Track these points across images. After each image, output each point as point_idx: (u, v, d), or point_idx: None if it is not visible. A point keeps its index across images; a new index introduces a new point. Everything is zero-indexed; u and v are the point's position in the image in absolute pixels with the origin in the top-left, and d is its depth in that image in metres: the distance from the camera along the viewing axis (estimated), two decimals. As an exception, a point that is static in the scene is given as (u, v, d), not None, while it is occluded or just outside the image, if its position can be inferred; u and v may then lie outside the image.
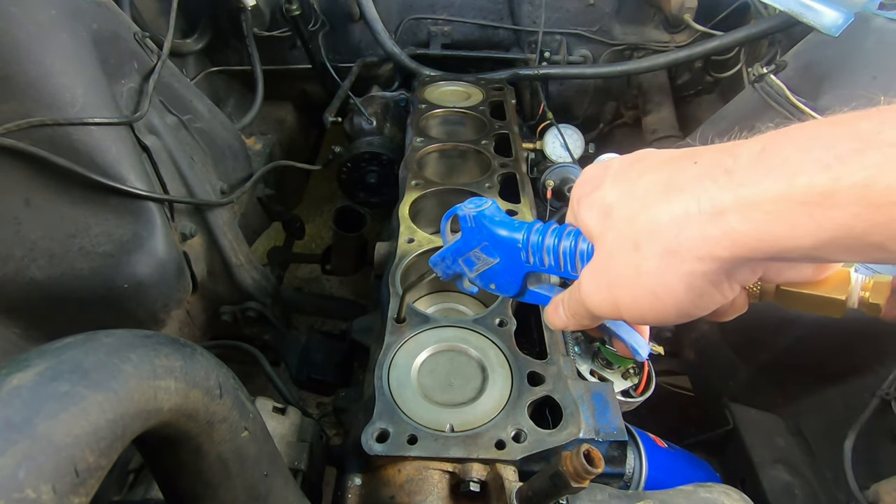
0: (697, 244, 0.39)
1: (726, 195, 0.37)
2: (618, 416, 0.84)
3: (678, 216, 0.40)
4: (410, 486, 0.70)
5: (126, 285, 1.05)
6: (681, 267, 0.40)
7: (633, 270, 0.43)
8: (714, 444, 1.47)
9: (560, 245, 0.53)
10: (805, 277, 0.43)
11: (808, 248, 0.35)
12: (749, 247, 0.37)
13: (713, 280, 0.41)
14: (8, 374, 0.37)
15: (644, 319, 0.46)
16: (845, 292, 0.42)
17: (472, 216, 0.60)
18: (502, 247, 0.59)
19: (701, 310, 0.44)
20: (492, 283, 0.62)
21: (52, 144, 0.94)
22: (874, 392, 1.15)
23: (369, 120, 1.71)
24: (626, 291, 0.45)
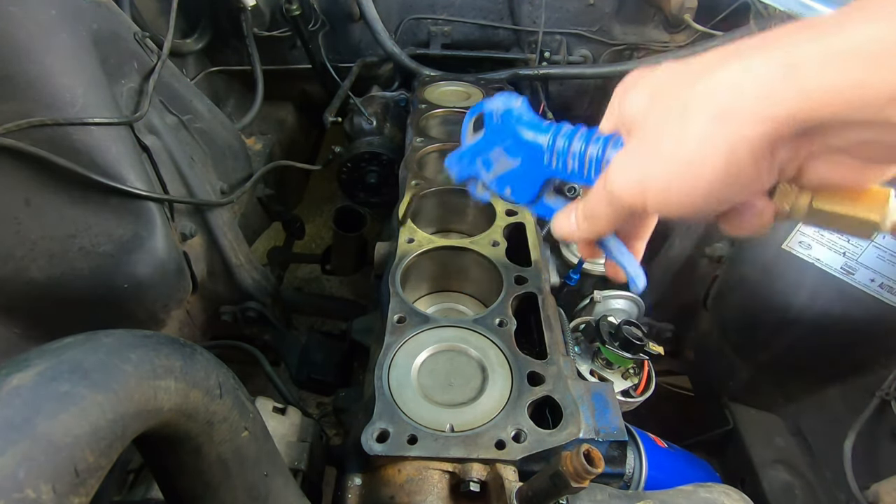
0: (755, 101, 0.36)
1: (808, 48, 0.34)
2: (618, 416, 0.84)
3: (740, 75, 0.37)
4: (410, 486, 0.70)
5: (126, 285, 1.05)
6: (730, 130, 0.37)
7: (672, 140, 0.40)
8: (714, 444, 1.47)
9: (587, 150, 0.51)
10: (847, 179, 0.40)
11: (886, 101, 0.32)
12: (820, 100, 0.34)
13: (755, 149, 0.37)
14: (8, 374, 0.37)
15: (670, 200, 0.42)
16: (881, 214, 0.39)
17: (499, 113, 0.57)
18: (526, 148, 0.56)
19: (734, 190, 0.40)
20: (508, 186, 0.59)
21: (52, 144, 0.94)
22: (874, 392, 1.15)
23: (369, 120, 1.71)
24: (658, 166, 0.41)
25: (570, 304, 1.44)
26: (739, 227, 0.45)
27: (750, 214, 0.43)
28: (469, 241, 1.08)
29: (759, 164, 0.38)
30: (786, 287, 1.21)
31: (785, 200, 0.43)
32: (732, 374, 1.42)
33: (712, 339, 1.47)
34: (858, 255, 1.15)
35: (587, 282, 1.51)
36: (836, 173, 0.40)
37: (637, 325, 1.15)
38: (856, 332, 1.18)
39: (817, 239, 1.17)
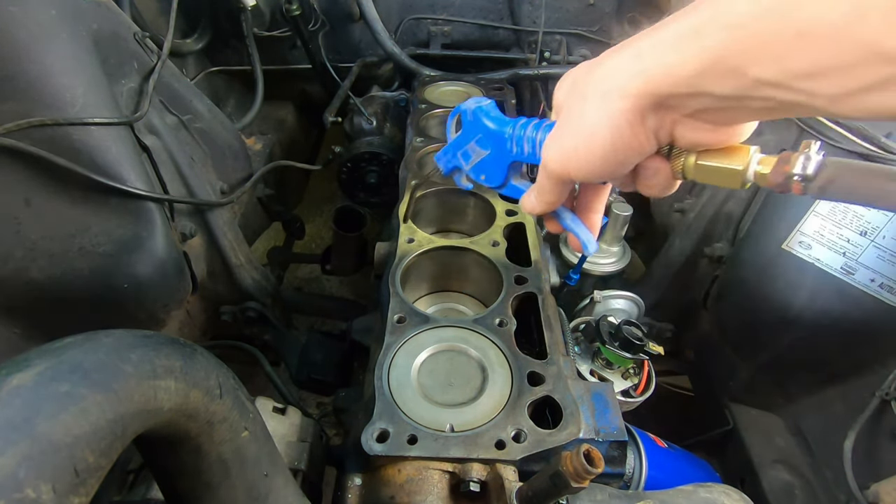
0: (620, 82, 0.47)
1: (646, 41, 0.46)
2: (618, 416, 0.84)
3: (615, 64, 0.49)
4: (410, 486, 0.70)
5: (126, 285, 1.05)
6: (607, 106, 0.48)
7: (577, 119, 0.52)
8: (714, 444, 1.47)
9: (536, 135, 0.62)
10: (708, 139, 0.50)
11: (693, 75, 0.43)
12: (655, 79, 0.45)
13: (630, 120, 0.48)
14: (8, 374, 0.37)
15: (580, 165, 0.53)
16: (744, 163, 0.49)
17: (471, 110, 0.69)
18: (493, 138, 0.67)
19: (622, 154, 0.51)
20: (482, 174, 0.71)
21: (52, 144, 0.94)
22: (874, 392, 1.15)
23: (369, 120, 1.71)
24: (569, 139, 0.53)
25: (570, 304, 1.44)
26: (648, 187, 0.56)
27: (650, 174, 0.54)
28: (469, 241, 1.08)
29: (636, 130, 0.49)
30: (786, 287, 1.21)
31: (677, 160, 0.53)
32: (732, 374, 1.42)
33: (712, 339, 1.47)
34: (858, 255, 1.15)
35: (587, 282, 1.51)
36: (698, 135, 0.49)
37: (637, 325, 1.15)
38: (856, 332, 1.18)
39: (817, 239, 1.17)
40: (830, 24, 0.34)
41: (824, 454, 1.26)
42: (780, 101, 0.41)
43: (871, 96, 0.36)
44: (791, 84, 0.39)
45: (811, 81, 0.38)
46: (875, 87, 0.35)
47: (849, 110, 0.38)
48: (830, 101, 0.38)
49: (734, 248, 1.33)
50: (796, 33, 0.36)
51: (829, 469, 1.24)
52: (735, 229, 1.34)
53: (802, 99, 0.39)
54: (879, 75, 0.35)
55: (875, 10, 0.33)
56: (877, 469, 1.12)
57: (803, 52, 0.37)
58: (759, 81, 0.40)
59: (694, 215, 1.42)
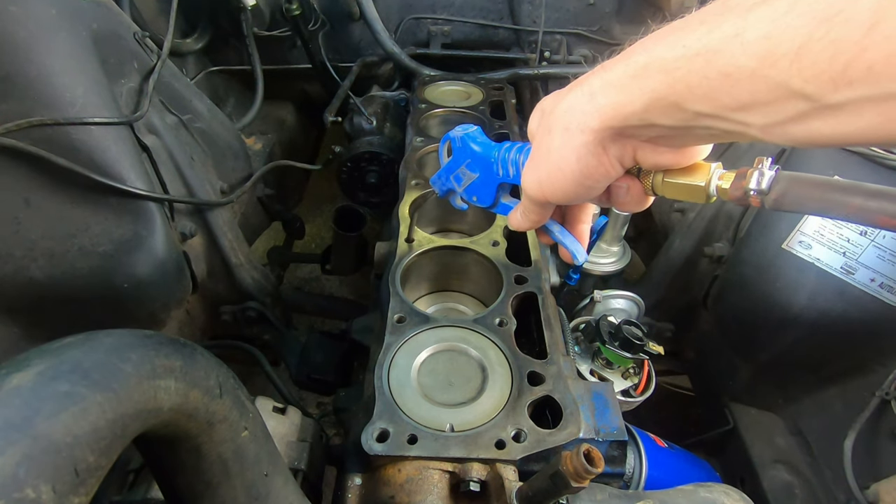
0: (579, 119, 0.52)
1: (597, 81, 0.50)
2: (618, 416, 0.84)
3: (572, 102, 0.53)
4: (410, 485, 0.70)
5: (126, 285, 1.05)
6: (571, 140, 0.53)
7: (546, 150, 0.56)
8: (714, 444, 1.47)
9: (519, 157, 0.67)
10: (668, 161, 0.53)
11: (640, 111, 0.47)
12: (608, 116, 0.49)
13: (593, 150, 0.52)
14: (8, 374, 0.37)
15: (556, 193, 0.58)
16: (706, 180, 0.53)
17: (459, 137, 0.74)
18: (481, 163, 0.72)
19: (591, 180, 0.55)
20: (474, 195, 0.76)
21: (51, 144, 0.94)
22: (874, 392, 1.15)
23: (369, 120, 1.71)
24: (543, 169, 0.57)
25: (570, 304, 1.44)
26: (622, 204, 0.60)
27: (622, 193, 0.59)
28: (469, 240, 1.08)
29: (600, 159, 0.53)
30: (786, 287, 1.21)
31: (647, 179, 0.56)
32: (732, 374, 1.42)
33: (712, 339, 1.46)
34: (858, 255, 1.15)
35: (587, 282, 1.51)
36: (659, 158, 0.53)
37: (637, 325, 1.15)
38: (856, 332, 1.18)
39: (817, 239, 1.17)
40: (747, 68, 0.39)
41: (824, 454, 1.26)
42: (721, 129, 0.44)
43: (794, 127, 0.40)
44: (726, 116, 0.42)
45: (742, 114, 0.42)
46: (794, 120, 0.39)
47: (779, 138, 0.41)
48: (762, 130, 0.42)
49: (734, 247, 1.33)
50: (720, 74, 0.40)
51: (829, 469, 1.24)
52: (735, 229, 1.34)
53: (739, 129, 0.43)
54: (796, 110, 0.38)
55: (784, 56, 0.37)
56: (877, 469, 1.12)
57: (729, 89, 0.41)
58: (698, 114, 0.44)
59: (694, 215, 1.42)
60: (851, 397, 1.23)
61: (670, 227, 1.52)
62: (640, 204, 0.59)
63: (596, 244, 1.41)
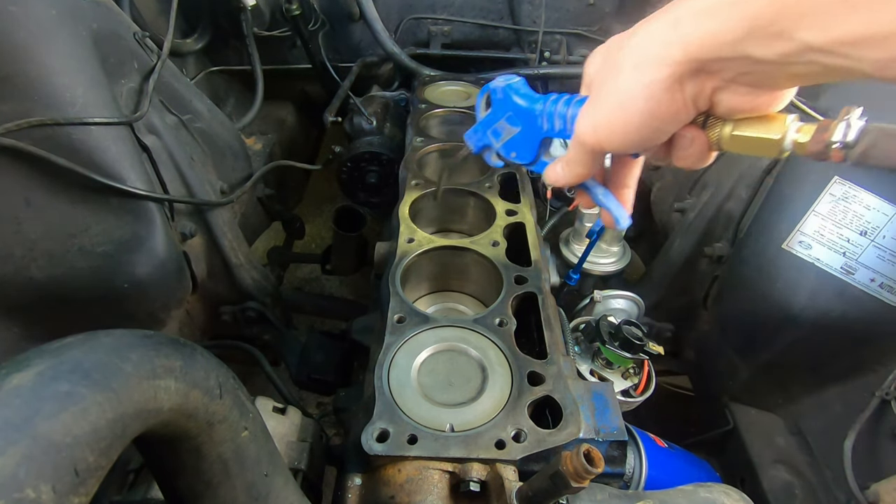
0: (658, 50, 0.48)
1: (683, 8, 0.47)
2: (618, 416, 0.84)
3: (649, 33, 0.49)
4: (410, 485, 0.70)
5: (126, 285, 1.05)
6: (645, 75, 0.49)
7: (610, 90, 0.52)
8: (714, 444, 1.47)
9: (567, 110, 0.62)
10: (748, 105, 0.50)
11: (736, 40, 0.43)
12: (695, 45, 0.46)
13: (668, 86, 0.48)
14: (8, 374, 0.37)
15: (615, 136, 0.54)
16: (782, 132, 0.49)
17: (500, 88, 0.69)
18: (524, 115, 0.68)
19: (658, 121, 0.51)
20: (513, 151, 0.72)
21: (52, 144, 0.94)
22: (874, 392, 1.15)
23: (369, 120, 1.71)
24: (603, 110, 0.53)
25: (570, 304, 1.44)
26: (682, 158, 0.56)
27: (686, 143, 0.54)
28: (469, 240, 1.08)
29: (674, 97, 0.49)
30: (786, 287, 1.21)
31: (713, 130, 0.53)
32: (732, 374, 1.42)
33: (712, 339, 1.46)
34: (858, 255, 1.15)
35: (587, 282, 1.51)
36: (738, 100, 0.49)
37: (637, 325, 1.16)
38: (856, 332, 1.18)
39: (817, 239, 1.17)
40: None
41: (824, 454, 1.26)
42: (825, 65, 0.41)
43: None
44: (838, 49, 0.39)
45: (859, 47, 0.38)
46: None
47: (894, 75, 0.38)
48: (876, 66, 0.38)
49: (734, 248, 1.33)
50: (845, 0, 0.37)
51: (829, 469, 1.24)
52: (735, 229, 1.34)
53: (847, 64, 0.40)
54: None
55: None
56: (877, 469, 1.12)
57: (853, 17, 0.37)
58: (805, 46, 0.40)
59: (694, 215, 1.42)
60: (851, 397, 1.23)
61: (670, 227, 1.52)
62: (701, 159, 0.55)
63: (596, 244, 1.41)
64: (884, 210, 1.12)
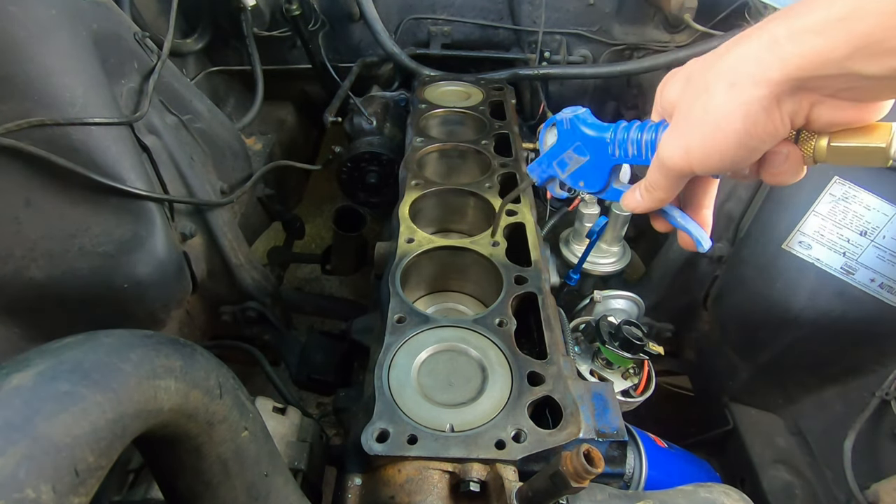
0: (754, 71, 0.48)
1: (782, 28, 0.47)
2: (618, 416, 0.84)
3: (743, 54, 0.49)
4: (410, 485, 0.70)
5: (126, 285, 1.05)
6: (741, 95, 0.49)
7: (701, 112, 0.52)
8: (714, 444, 1.47)
9: (642, 136, 0.63)
10: (849, 118, 0.49)
11: (842, 58, 0.43)
12: (795, 65, 0.46)
13: (766, 106, 0.48)
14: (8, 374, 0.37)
15: (709, 159, 0.53)
16: (887, 141, 0.48)
17: (567, 119, 0.71)
18: (592, 144, 0.69)
19: (756, 140, 0.50)
20: (581, 180, 0.73)
21: (52, 144, 0.94)
22: (874, 392, 1.15)
23: (369, 120, 1.71)
24: (695, 133, 0.53)
25: (570, 304, 1.44)
26: (776, 175, 0.55)
27: (780, 160, 0.54)
28: (469, 241, 1.08)
29: (772, 116, 0.49)
30: (786, 287, 1.21)
31: (807, 144, 0.52)
32: (732, 374, 1.42)
33: (712, 339, 1.47)
34: (858, 255, 1.15)
35: (587, 282, 1.51)
36: (838, 114, 0.49)
37: (637, 325, 1.15)
38: (856, 332, 1.18)
39: (817, 239, 1.17)
40: None
41: (824, 454, 1.26)
42: None
43: None
44: None
45: None
46: None
47: None
48: None
49: (734, 248, 1.33)
50: None
51: (829, 469, 1.24)
52: (735, 229, 1.34)
53: None
54: None
55: None
56: (877, 469, 1.12)
57: None
58: None
59: (694, 215, 1.42)
60: (851, 397, 1.23)
61: (670, 227, 1.52)
62: (795, 174, 0.55)
63: (596, 244, 1.41)
64: (884, 210, 1.12)
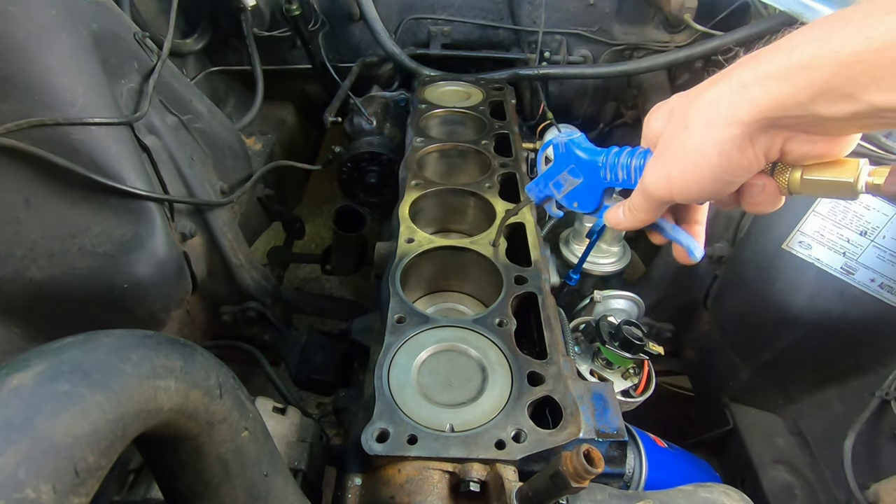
0: (726, 112, 0.51)
1: (749, 73, 0.50)
2: (618, 416, 0.84)
3: (716, 96, 0.52)
4: (410, 486, 0.70)
5: (126, 285, 1.05)
6: (715, 134, 0.52)
7: (681, 146, 0.55)
8: (714, 444, 1.47)
9: (631, 162, 0.66)
10: (820, 151, 0.52)
11: (805, 102, 0.46)
12: (763, 107, 0.49)
13: (739, 144, 0.51)
14: (8, 374, 0.37)
15: (689, 188, 0.57)
16: (854, 175, 0.51)
17: (563, 143, 0.74)
18: (586, 168, 0.73)
19: (730, 175, 0.54)
20: (575, 201, 0.76)
21: (52, 144, 0.94)
22: (874, 392, 1.15)
23: (369, 120, 1.71)
24: (675, 165, 0.56)
25: (570, 304, 1.44)
26: (754, 204, 0.58)
27: (757, 191, 0.57)
28: (469, 241, 1.08)
29: (745, 152, 0.52)
30: (786, 287, 1.21)
31: (782, 176, 0.55)
32: (732, 374, 1.42)
33: (712, 339, 1.47)
34: (858, 255, 1.15)
35: (587, 282, 1.51)
36: (809, 148, 0.52)
37: (637, 325, 1.15)
38: (856, 332, 1.18)
39: (817, 239, 1.17)
40: None
41: (824, 454, 1.26)
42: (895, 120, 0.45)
43: None
44: None
45: None
46: None
47: None
48: None
49: (734, 248, 1.33)
50: None
51: (829, 469, 1.24)
52: (735, 229, 1.34)
53: None
54: None
55: None
56: (877, 469, 1.12)
57: None
58: (875, 107, 0.44)
59: (694, 215, 1.42)
60: (851, 397, 1.23)
61: (670, 227, 1.52)
62: (773, 204, 0.58)
63: (596, 244, 1.41)
64: (884, 210, 1.12)
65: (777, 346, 1.28)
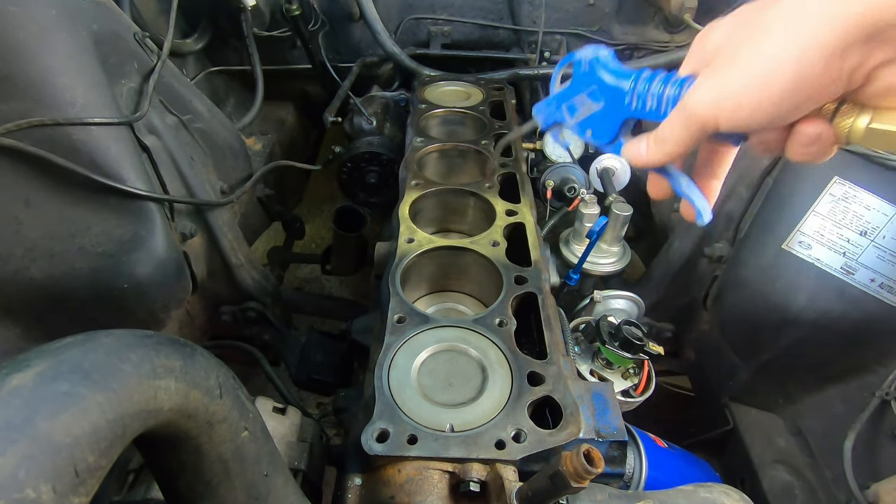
0: (828, 6, 0.41)
1: None
2: (618, 416, 0.84)
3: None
4: (410, 486, 0.70)
5: (126, 285, 1.05)
6: (803, 33, 0.42)
7: (748, 57, 0.45)
8: (714, 444, 1.47)
9: (665, 89, 0.56)
10: None
11: None
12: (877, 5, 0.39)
13: (828, 52, 0.42)
14: (8, 374, 0.37)
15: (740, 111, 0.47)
16: None
17: (587, 60, 0.63)
18: (609, 92, 0.62)
19: (804, 94, 0.44)
20: (589, 129, 0.65)
21: (52, 144, 0.94)
22: (874, 392, 1.15)
23: (369, 120, 1.71)
24: (732, 79, 0.46)
25: (570, 304, 1.44)
26: (801, 153, 0.49)
27: (812, 138, 0.47)
28: (469, 241, 1.08)
29: (830, 67, 0.42)
30: (786, 287, 1.21)
31: (844, 121, 0.46)
32: (732, 374, 1.42)
33: (712, 339, 1.47)
34: (858, 255, 1.15)
35: (587, 282, 1.51)
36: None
37: (637, 325, 1.15)
38: (856, 332, 1.18)
39: (817, 239, 1.17)
40: None
41: (824, 454, 1.26)
42: None
43: None
44: None
45: None
46: None
47: None
48: None
49: (734, 248, 1.33)
50: None
51: (829, 469, 1.24)
52: (735, 229, 1.34)
53: None
54: None
55: None
56: (877, 469, 1.12)
57: None
58: None
59: (694, 215, 1.42)
60: (851, 397, 1.23)
61: (670, 227, 1.52)
62: (823, 154, 0.49)
63: (596, 244, 1.41)
64: (884, 210, 1.12)
65: (777, 346, 1.28)
